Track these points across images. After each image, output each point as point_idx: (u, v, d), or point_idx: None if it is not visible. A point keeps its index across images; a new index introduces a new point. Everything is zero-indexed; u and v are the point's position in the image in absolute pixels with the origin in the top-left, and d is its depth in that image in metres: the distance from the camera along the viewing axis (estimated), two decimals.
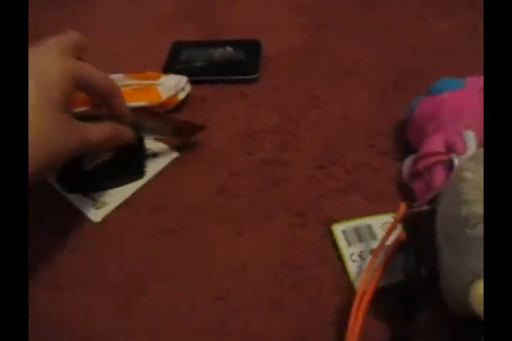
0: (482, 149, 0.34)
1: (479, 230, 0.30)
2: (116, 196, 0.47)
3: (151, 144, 0.51)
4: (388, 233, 0.36)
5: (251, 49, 0.61)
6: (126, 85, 0.52)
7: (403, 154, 0.47)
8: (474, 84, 0.47)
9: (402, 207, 0.36)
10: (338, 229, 0.41)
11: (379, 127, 0.51)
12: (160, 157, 0.50)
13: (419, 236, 0.36)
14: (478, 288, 0.28)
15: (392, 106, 0.53)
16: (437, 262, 0.34)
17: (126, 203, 0.46)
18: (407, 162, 0.45)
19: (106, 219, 0.45)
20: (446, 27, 0.63)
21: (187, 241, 0.43)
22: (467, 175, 0.32)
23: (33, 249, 0.41)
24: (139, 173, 0.48)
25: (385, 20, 0.64)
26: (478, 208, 0.30)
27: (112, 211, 0.45)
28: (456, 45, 0.60)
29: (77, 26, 0.44)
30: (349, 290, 0.38)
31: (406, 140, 0.48)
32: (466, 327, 0.31)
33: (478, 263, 0.30)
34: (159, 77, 0.54)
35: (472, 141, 0.41)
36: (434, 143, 0.42)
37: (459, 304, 0.32)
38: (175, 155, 0.50)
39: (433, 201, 0.38)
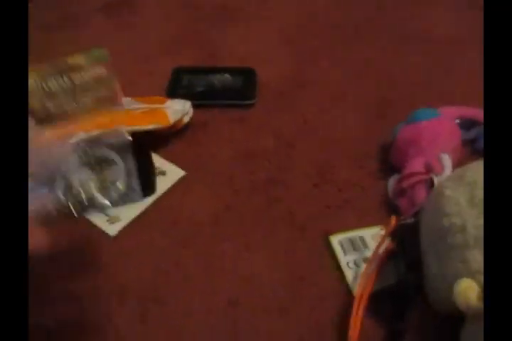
0: (459, 169, 0.41)
1: (458, 238, 0.36)
2: (129, 211, 0.50)
3: (160, 163, 0.55)
4: (381, 242, 0.42)
5: (247, 76, 0.67)
6: (135, 108, 0.56)
7: (387, 174, 0.53)
8: (448, 114, 0.54)
9: (394, 220, 0.42)
10: (336, 239, 0.46)
11: (365, 149, 0.57)
12: (168, 175, 0.54)
13: (406, 244, 0.42)
14: (459, 287, 0.33)
15: (375, 131, 0.59)
16: (423, 267, 0.40)
17: (138, 218, 0.50)
18: (391, 182, 0.51)
19: (121, 233, 0.48)
20: (420, 60, 0.70)
21: (198, 254, 0.47)
22: (447, 192, 0.39)
23: (52, 263, 0.44)
24: (150, 190, 0.52)
25: (367, 53, 0.72)
26: (457, 220, 0.37)
27: (126, 225, 0.49)
28: (431, 77, 0.67)
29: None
30: (347, 295, 0.43)
31: (389, 161, 0.54)
32: (448, 323, 0.37)
33: (459, 266, 0.36)
34: (165, 101, 0.59)
35: (448, 163, 0.48)
36: (416, 165, 0.49)
37: (443, 303, 0.38)
38: (182, 174, 0.54)
39: (417, 214, 0.44)
